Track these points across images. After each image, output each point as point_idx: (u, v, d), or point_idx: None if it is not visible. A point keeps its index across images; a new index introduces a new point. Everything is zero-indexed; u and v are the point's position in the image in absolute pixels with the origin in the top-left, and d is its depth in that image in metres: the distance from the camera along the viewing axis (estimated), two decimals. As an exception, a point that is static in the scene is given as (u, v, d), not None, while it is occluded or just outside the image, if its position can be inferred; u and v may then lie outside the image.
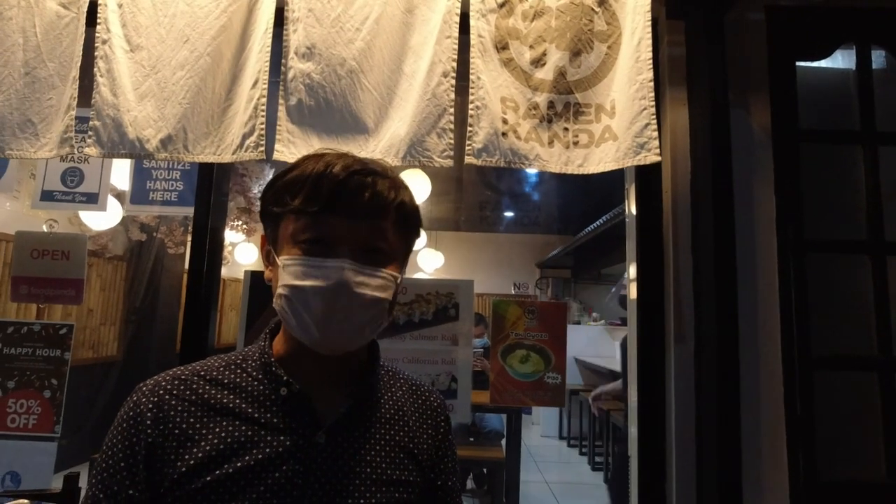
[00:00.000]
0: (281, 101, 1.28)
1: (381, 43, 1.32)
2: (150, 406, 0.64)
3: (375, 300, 0.66)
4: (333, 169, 0.65)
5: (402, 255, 0.72)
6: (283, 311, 0.67)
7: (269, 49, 1.29)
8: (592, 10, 1.33)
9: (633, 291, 1.53)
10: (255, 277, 1.49)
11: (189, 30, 1.29)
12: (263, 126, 1.24)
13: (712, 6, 1.40)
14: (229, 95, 1.28)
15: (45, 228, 1.55)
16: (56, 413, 1.49)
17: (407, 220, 0.71)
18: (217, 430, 0.63)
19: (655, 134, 1.29)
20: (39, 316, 3.04)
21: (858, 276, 1.43)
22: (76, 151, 1.28)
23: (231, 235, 5.64)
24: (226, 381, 0.67)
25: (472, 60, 1.30)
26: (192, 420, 0.63)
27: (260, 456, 0.62)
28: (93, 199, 1.54)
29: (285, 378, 0.66)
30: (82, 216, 3.21)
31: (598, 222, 5.60)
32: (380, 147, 1.28)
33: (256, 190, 5.04)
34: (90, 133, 1.27)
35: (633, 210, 1.52)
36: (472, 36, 1.31)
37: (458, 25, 1.32)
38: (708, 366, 1.35)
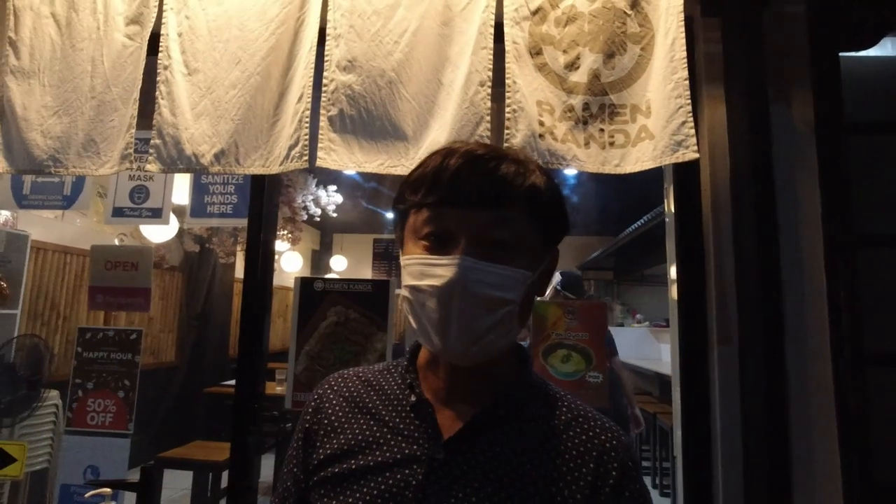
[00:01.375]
0: (323, 111, 1.36)
1: (419, 55, 1.38)
2: (316, 397, 0.70)
3: (497, 300, 0.58)
4: (453, 157, 0.60)
5: (538, 249, 0.62)
6: (407, 316, 0.64)
7: (313, 65, 1.38)
8: (625, 13, 1.35)
9: (674, 292, 1.52)
10: (304, 284, 1.57)
11: (241, 52, 1.39)
12: (307, 137, 1.32)
13: (750, 1, 1.39)
14: (277, 111, 1.37)
15: (116, 242, 1.69)
16: (129, 411, 1.62)
17: (543, 209, 0.61)
18: (355, 426, 0.65)
19: (693, 131, 1.30)
20: (106, 324, 3.26)
21: (913, 269, 1.38)
22: (134, 168, 1.39)
23: (276, 244, 5.85)
24: (375, 382, 0.69)
25: (507, 66, 1.34)
26: (339, 413, 0.67)
27: (380, 458, 0.62)
28: (157, 214, 1.67)
29: (410, 382, 0.65)
30: (143, 230, 3.43)
31: (639, 222, 5.50)
32: (419, 154, 1.34)
33: (300, 200, 5.22)
34: (151, 151, 1.38)
35: (673, 209, 1.52)
36: (506, 43, 1.36)
37: (493, 36, 1.37)
38: (753, 366, 1.34)
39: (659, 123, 1.32)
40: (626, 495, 0.60)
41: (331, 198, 5.18)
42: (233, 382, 5.01)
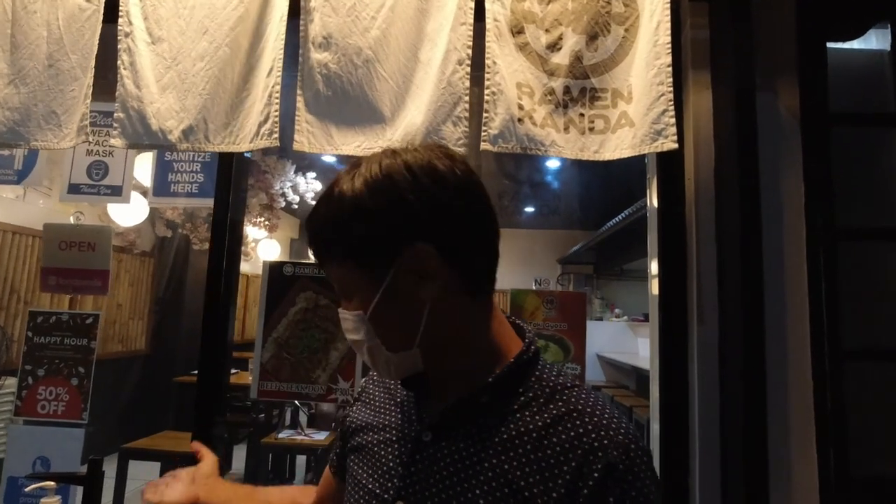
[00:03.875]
0: (299, 91, 1.29)
1: (397, 31, 1.31)
2: (365, 379, 0.80)
3: (356, 342, 0.65)
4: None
5: (365, 282, 0.61)
6: None
7: (283, 38, 1.30)
8: (611, -9, 1.30)
9: (654, 286, 1.49)
10: (273, 268, 1.50)
11: (208, 21, 1.30)
12: (278, 114, 1.24)
13: (738, -14, 1.36)
14: (246, 85, 1.30)
15: (72, 220, 1.59)
16: (83, 400, 1.53)
17: (343, 250, 0.62)
18: (379, 403, 0.73)
19: (673, 121, 1.26)
20: (72, 309, 3.13)
21: (892, 264, 1.37)
22: (92, 142, 1.30)
23: (254, 232, 5.71)
24: None
25: (487, 45, 1.28)
26: (375, 391, 0.76)
27: (387, 435, 0.68)
28: (117, 192, 1.58)
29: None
30: (110, 213, 3.30)
31: (620, 217, 5.52)
32: (396, 136, 1.28)
33: (278, 186, 5.11)
34: (115, 125, 1.29)
35: (655, 202, 1.49)
36: (487, 20, 1.30)
37: (472, 12, 1.31)
38: (732, 360, 1.32)
39: (640, 110, 1.28)
40: (611, 501, 0.54)
41: (309, 185, 5.07)
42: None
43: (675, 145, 1.25)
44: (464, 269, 0.62)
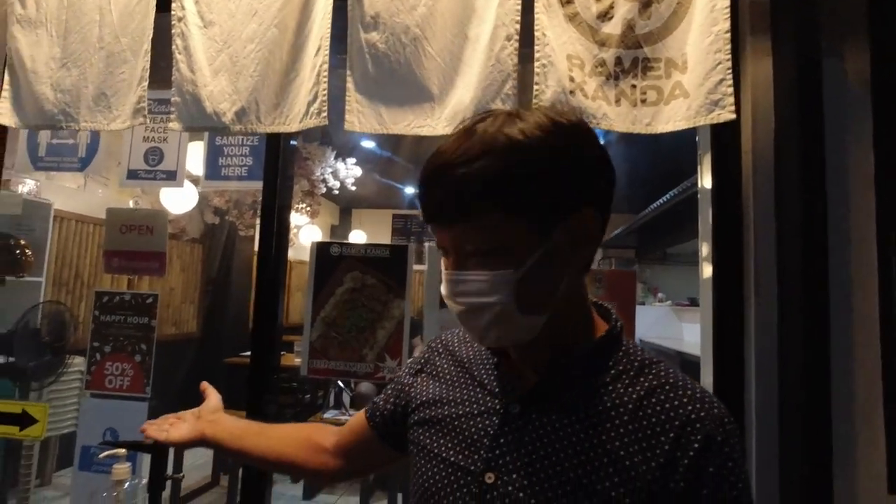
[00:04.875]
0: (348, 71, 1.29)
1: (444, 7, 1.30)
2: (431, 346, 0.79)
3: (479, 306, 0.59)
4: (423, 172, 0.60)
5: (525, 239, 0.57)
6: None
7: (330, 16, 1.31)
8: (665, -45, 1.24)
9: (706, 271, 1.44)
10: (320, 249, 1.53)
11: (256, 3, 1.32)
12: (326, 92, 1.25)
13: (802, -55, 1.27)
14: (295, 66, 1.31)
15: (131, 204, 1.66)
16: (146, 375, 1.61)
17: (512, 202, 0.56)
18: (451, 377, 0.72)
19: (731, 90, 1.20)
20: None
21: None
22: (147, 123, 1.34)
23: (296, 218, 5.84)
24: (472, 341, 0.74)
25: (536, 17, 1.25)
26: (443, 364, 0.74)
27: (466, 408, 0.67)
28: (172, 177, 1.64)
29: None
30: (162, 201, 3.43)
31: (664, 198, 5.34)
32: (444, 115, 1.27)
33: (319, 172, 5.19)
34: (172, 109, 1.33)
35: (707, 181, 1.43)
36: (535, -8, 1.26)
37: (520, -17, 1.28)
38: (793, 352, 1.25)
39: (695, 80, 1.22)
40: (710, 471, 0.55)
41: (349, 170, 5.13)
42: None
43: (733, 116, 1.19)
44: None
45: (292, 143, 1.60)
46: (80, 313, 3.67)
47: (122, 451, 1.18)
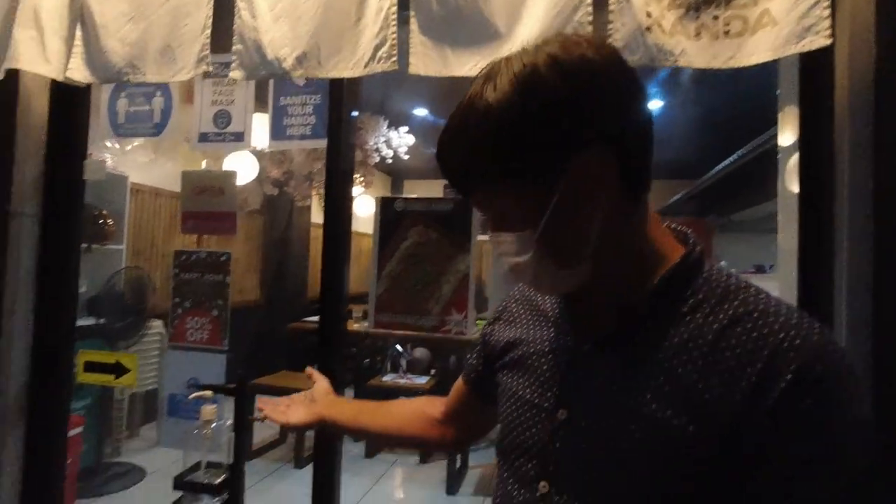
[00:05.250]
0: (412, 13, 1.26)
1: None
2: (502, 300, 0.80)
3: (519, 265, 0.59)
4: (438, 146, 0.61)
5: (535, 197, 0.56)
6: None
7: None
8: None
9: (785, 241, 1.33)
10: (385, 204, 1.54)
11: (316, -54, 1.30)
12: (395, 36, 1.23)
13: None
14: (359, 8, 1.29)
15: (203, 166, 1.73)
16: (223, 329, 1.70)
17: (507, 167, 0.55)
18: (526, 319, 0.73)
19: (827, 13, 1.09)
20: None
21: None
22: (210, 72, 1.37)
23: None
24: None
25: (609, -55, 1.18)
26: (519, 309, 0.75)
27: (539, 347, 0.67)
28: (240, 138, 1.69)
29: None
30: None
31: (729, 160, 5.05)
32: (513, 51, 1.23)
33: (372, 142, 5.23)
34: (234, 57, 1.35)
35: (787, 138, 1.31)
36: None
37: None
38: (891, 340, 1.13)
39: (785, 6, 1.12)
40: (801, 413, 0.48)
41: (402, 139, 5.13)
42: (313, 319, 5.23)
43: (828, 41, 1.09)
44: (630, 168, 0.57)
45: (353, 114, 1.62)
46: (156, 280, 3.91)
47: (209, 393, 1.25)
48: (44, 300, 1.78)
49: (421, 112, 5.32)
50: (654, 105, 4.75)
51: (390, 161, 5.18)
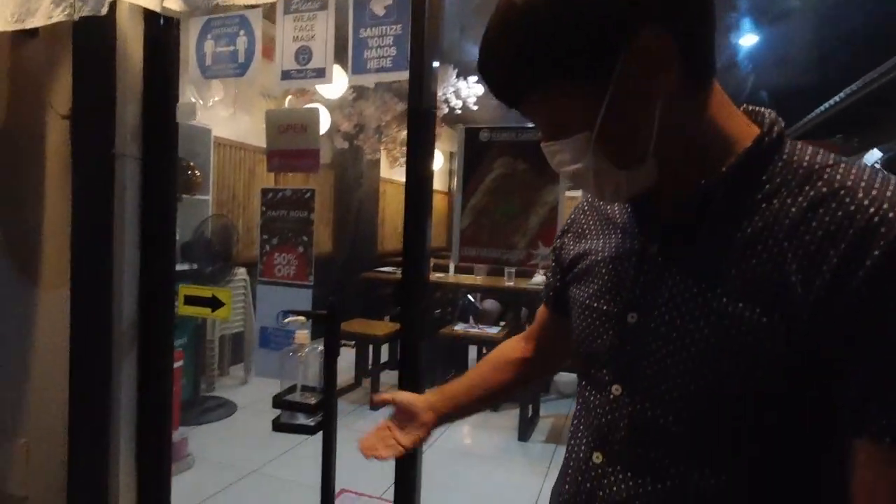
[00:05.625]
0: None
1: None
2: (571, 214, 0.79)
3: (578, 172, 0.56)
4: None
5: (582, 102, 0.52)
6: None
7: None
8: None
9: None
10: (469, 134, 1.49)
11: None
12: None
13: None
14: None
15: (286, 104, 1.74)
16: (308, 265, 1.75)
17: (551, 64, 0.51)
18: (595, 227, 0.71)
19: None
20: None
21: None
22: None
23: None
24: None
25: None
26: (587, 218, 0.74)
27: (608, 253, 0.65)
28: (321, 74, 1.68)
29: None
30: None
31: (871, 76, 4.43)
32: None
33: (441, 93, 5.13)
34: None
35: None
36: None
37: None
38: None
39: None
40: (890, 293, 0.43)
41: (471, 89, 5.01)
42: (386, 269, 5.34)
43: None
44: (691, 49, 0.51)
45: (434, 64, 1.57)
46: (238, 229, 4.12)
47: (302, 318, 1.29)
48: (147, 237, 1.90)
49: (490, 60, 5.14)
50: (751, 39, 4.33)
51: (459, 111, 5.08)
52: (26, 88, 1.94)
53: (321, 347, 1.31)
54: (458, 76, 5.04)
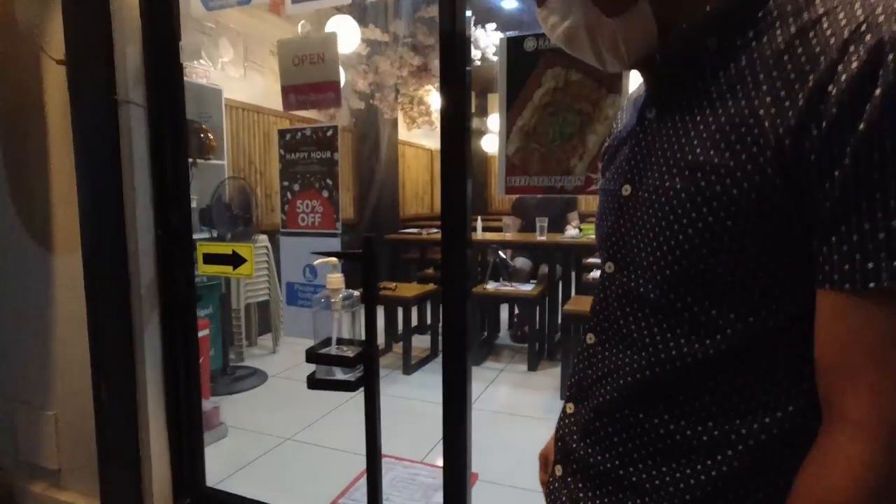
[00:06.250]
0: None
1: None
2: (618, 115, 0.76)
3: (569, 31, 0.53)
4: None
5: None
6: None
7: None
8: None
9: None
10: (512, 44, 1.28)
11: None
12: None
13: None
14: None
15: (299, 30, 1.55)
16: (335, 210, 1.58)
17: None
18: (623, 118, 0.69)
19: None
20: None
21: None
22: None
23: (436, 100, 5.65)
24: None
25: None
26: (622, 115, 0.70)
27: (621, 135, 0.63)
28: (336, -9, 1.49)
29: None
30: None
31: None
32: None
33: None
34: None
35: None
36: None
37: None
38: None
39: None
40: (877, 94, 0.37)
41: (489, 37, 4.70)
42: (410, 231, 5.18)
43: None
44: None
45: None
46: (258, 195, 3.98)
47: (334, 259, 1.13)
48: (160, 193, 1.76)
49: (510, 4, 4.82)
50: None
51: (478, 63, 4.79)
52: (16, 36, 1.78)
53: (357, 292, 1.15)
54: (475, 24, 4.74)
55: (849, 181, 0.38)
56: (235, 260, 1.72)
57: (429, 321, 4.05)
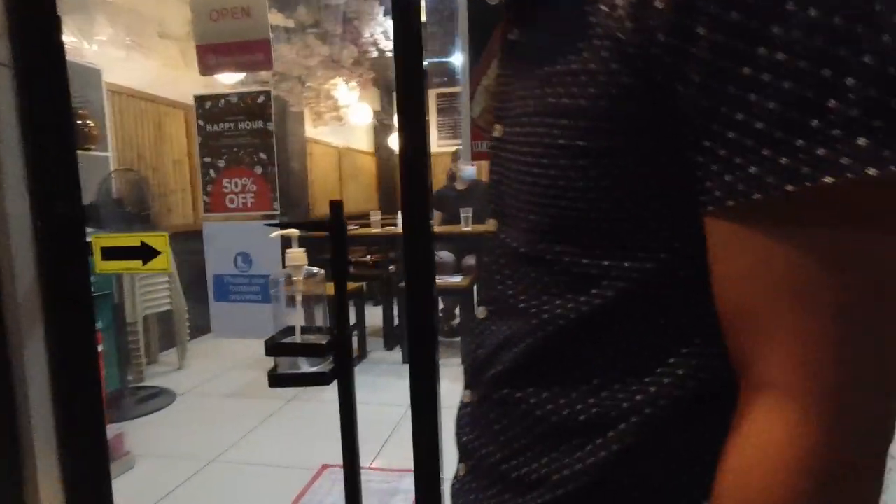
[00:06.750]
0: None
1: None
2: None
3: None
4: None
5: None
6: None
7: None
8: None
9: None
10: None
11: None
12: None
13: None
14: None
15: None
16: (272, 188, 1.38)
17: None
18: None
19: None
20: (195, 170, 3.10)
21: None
22: None
23: (344, 95, 5.44)
24: None
25: None
26: None
27: None
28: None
29: None
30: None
31: None
32: None
33: (368, 34, 4.69)
34: None
35: None
36: None
37: None
38: None
39: None
40: (701, 34, 0.31)
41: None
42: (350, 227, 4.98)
43: None
44: None
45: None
46: (152, 190, 3.52)
47: (295, 231, 0.96)
48: (37, 174, 1.43)
49: (419, -6, 4.75)
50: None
51: (390, 54, 4.66)
52: None
53: (318, 271, 0.98)
54: (385, 14, 4.61)
55: (705, 67, 0.31)
56: (146, 253, 1.45)
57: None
